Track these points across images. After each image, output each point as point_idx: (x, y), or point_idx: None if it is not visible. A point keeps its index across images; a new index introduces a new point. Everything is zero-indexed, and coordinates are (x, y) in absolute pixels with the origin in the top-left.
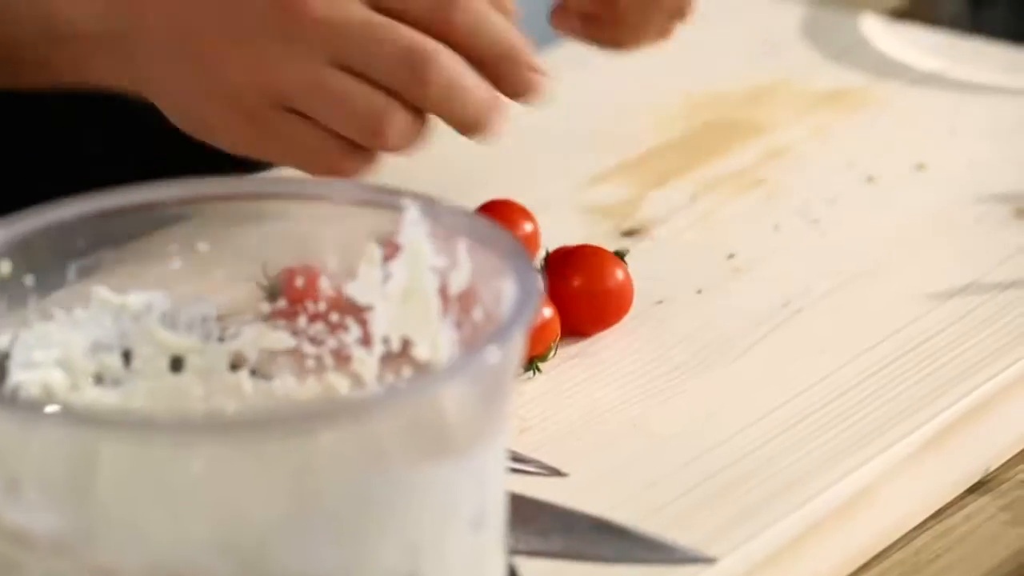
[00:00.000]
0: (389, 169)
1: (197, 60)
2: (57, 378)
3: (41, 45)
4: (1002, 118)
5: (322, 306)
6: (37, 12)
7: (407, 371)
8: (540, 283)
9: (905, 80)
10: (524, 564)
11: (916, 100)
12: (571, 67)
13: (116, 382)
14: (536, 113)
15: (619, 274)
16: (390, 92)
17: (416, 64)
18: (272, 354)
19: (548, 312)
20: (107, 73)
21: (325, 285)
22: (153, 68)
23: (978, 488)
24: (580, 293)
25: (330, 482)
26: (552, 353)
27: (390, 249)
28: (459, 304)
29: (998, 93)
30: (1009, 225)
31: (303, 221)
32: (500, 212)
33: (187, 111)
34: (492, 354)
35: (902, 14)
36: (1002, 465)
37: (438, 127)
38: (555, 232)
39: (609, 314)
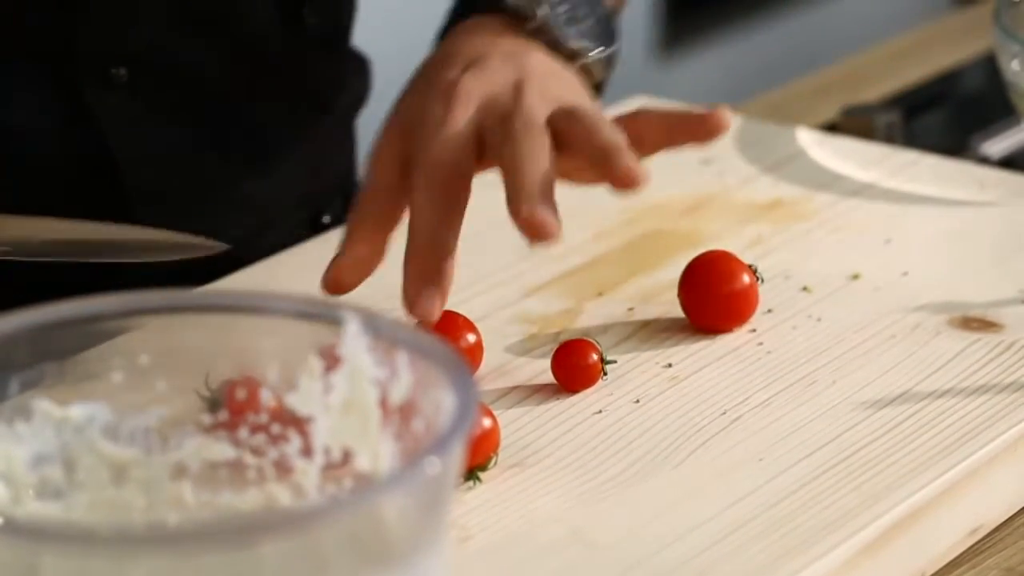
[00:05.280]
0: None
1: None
2: None
3: None
4: (936, 228)
5: (263, 417)
6: None
7: (348, 482)
8: (478, 394)
9: (840, 191)
10: None
11: (851, 211)
12: None
13: (57, 494)
14: (476, 223)
15: (745, 278)
16: None
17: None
18: (213, 465)
19: (488, 422)
20: None
21: (266, 397)
22: None
23: None
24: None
25: None
26: (492, 463)
27: (331, 361)
28: (399, 415)
29: (932, 204)
30: (943, 334)
31: (244, 334)
32: (444, 323)
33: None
34: (432, 465)
35: (837, 127)
36: (937, 572)
37: None
38: (492, 341)
39: (737, 314)
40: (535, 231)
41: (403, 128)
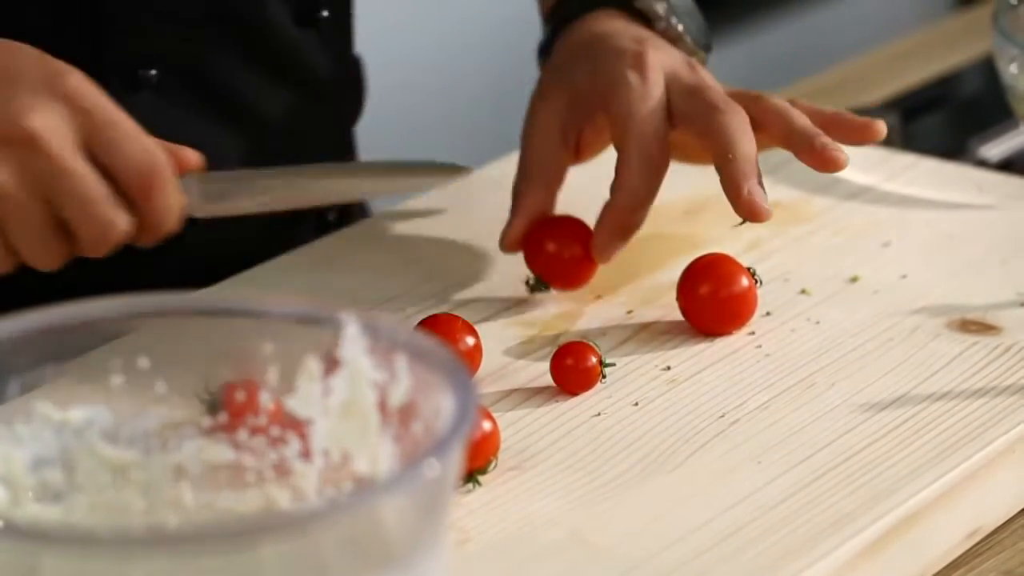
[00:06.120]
0: (331, 284)
1: None
2: None
3: None
4: (934, 231)
5: (263, 420)
6: None
7: (347, 484)
8: (478, 397)
9: (839, 194)
10: None
11: (850, 214)
12: (511, 180)
13: (57, 497)
14: (477, 224)
15: (744, 281)
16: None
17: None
18: (213, 467)
19: (487, 425)
20: None
21: (265, 399)
22: None
23: None
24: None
25: None
26: (491, 466)
27: (330, 364)
28: (398, 418)
29: (930, 207)
30: (941, 337)
31: (244, 336)
32: (443, 326)
33: None
34: (431, 467)
35: None
36: (936, 574)
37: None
38: (491, 344)
39: (736, 316)
40: (753, 211)
41: (571, 97)
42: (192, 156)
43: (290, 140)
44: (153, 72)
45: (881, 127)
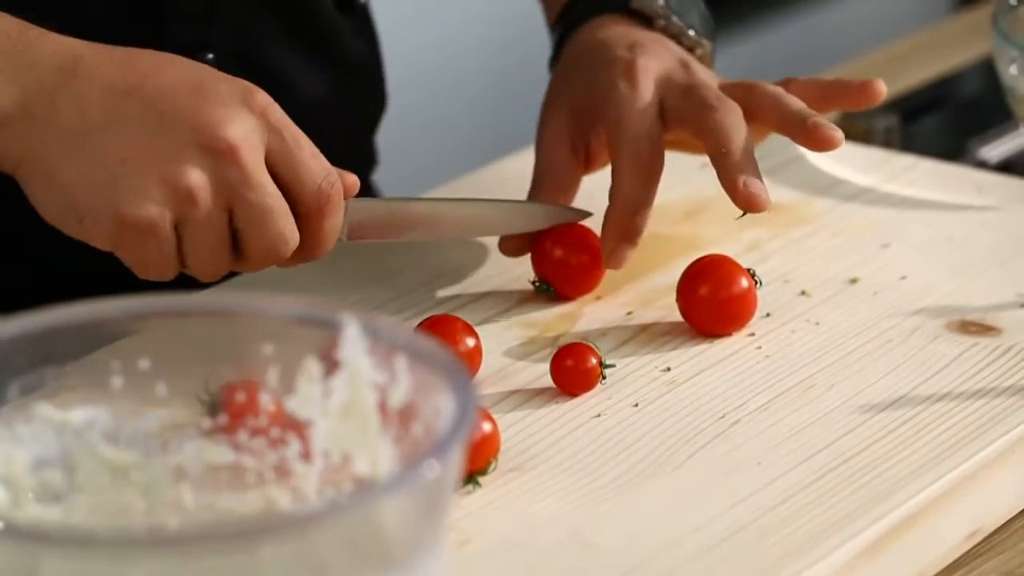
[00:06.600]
0: (331, 284)
1: (98, 155)
2: None
3: None
4: (934, 232)
5: (263, 421)
6: None
7: (347, 485)
8: (478, 398)
9: (838, 196)
10: None
11: (849, 215)
12: (511, 179)
13: (57, 498)
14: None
15: (744, 282)
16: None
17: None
18: (213, 469)
19: (487, 426)
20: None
21: (266, 400)
22: (49, 152)
23: None
24: (709, 300)
25: None
26: (491, 467)
27: (330, 365)
28: (398, 419)
29: (930, 208)
30: (941, 338)
31: (244, 337)
32: (443, 328)
33: (66, 200)
34: (431, 468)
35: None
36: (936, 575)
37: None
38: (491, 345)
39: (736, 317)
40: (751, 202)
41: (572, 109)
42: (354, 181)
43: (327, 127)
44: (211, 56)
45: (880, 86)
